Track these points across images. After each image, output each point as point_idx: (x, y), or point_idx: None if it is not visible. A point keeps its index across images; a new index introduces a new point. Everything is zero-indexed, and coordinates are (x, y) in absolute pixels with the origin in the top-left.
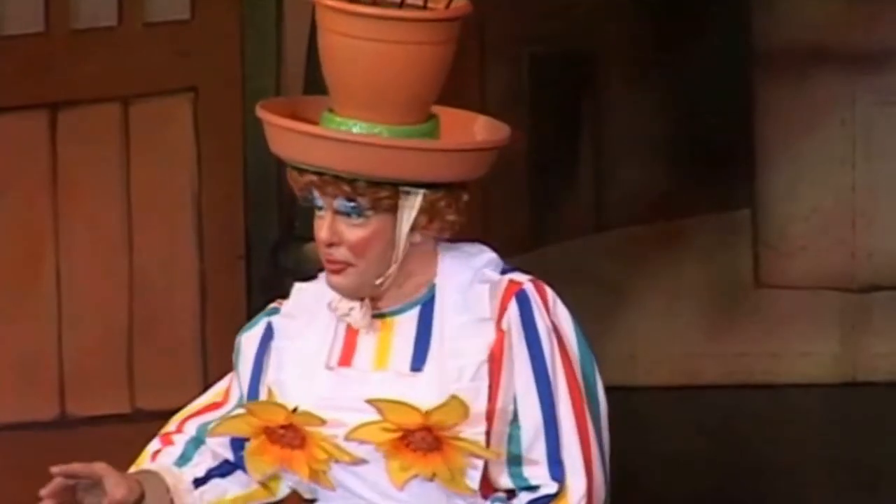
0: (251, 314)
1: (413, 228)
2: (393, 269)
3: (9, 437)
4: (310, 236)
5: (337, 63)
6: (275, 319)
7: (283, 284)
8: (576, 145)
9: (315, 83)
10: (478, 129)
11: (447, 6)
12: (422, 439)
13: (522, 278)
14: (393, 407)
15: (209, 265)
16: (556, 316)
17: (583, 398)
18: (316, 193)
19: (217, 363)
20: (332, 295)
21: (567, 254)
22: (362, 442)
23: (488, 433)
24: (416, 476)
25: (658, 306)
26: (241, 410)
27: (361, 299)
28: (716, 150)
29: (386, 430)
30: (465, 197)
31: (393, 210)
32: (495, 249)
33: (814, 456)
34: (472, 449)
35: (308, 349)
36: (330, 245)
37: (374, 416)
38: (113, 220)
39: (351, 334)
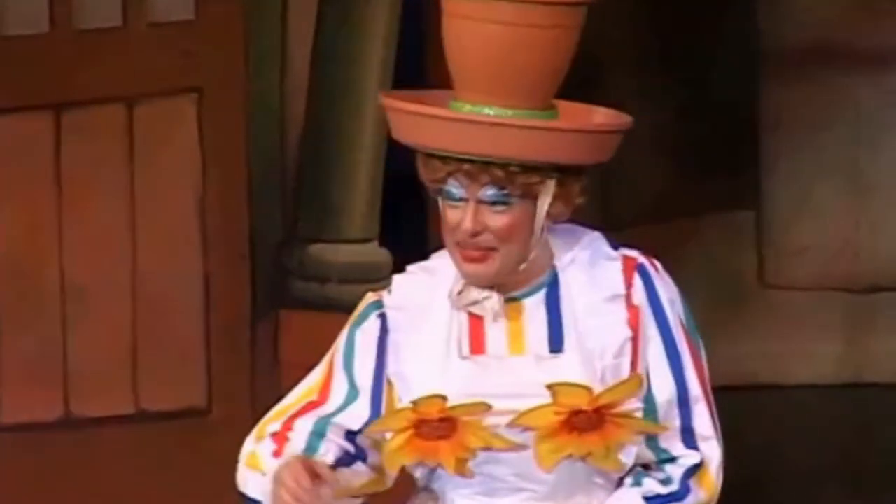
0: (255, 314)
1: (548, 213)
2: (534, 254)
3: (13, 437)
4: (313, 236)
5: (466, 49)
6: (387, 312)
7: (286, 284)
8: None
9: (320, 84)
10: (600, 117)
11: None
12: (586, 419)
13: (634, 253)
14: (566, 389)
15: (213, 265)
16: (668, 289)
17: (702, 365)
18: (455, 183)
19: (221, 363)
20: (453, 285)
21: None
22: (526, 428)
23: None
24: (568, 457)
25: None
26: (405, 405)
27: (493, 287)
28: (720, 150)
29: (557, 412)
30: (586, 179)
31: (535, 196)
32: None
33: (818, 456)
34: (641, 425)
35: (431, 340)
36: (475, 235)
37: (540, 401)
38: (117, 220)
39: (476, 323)
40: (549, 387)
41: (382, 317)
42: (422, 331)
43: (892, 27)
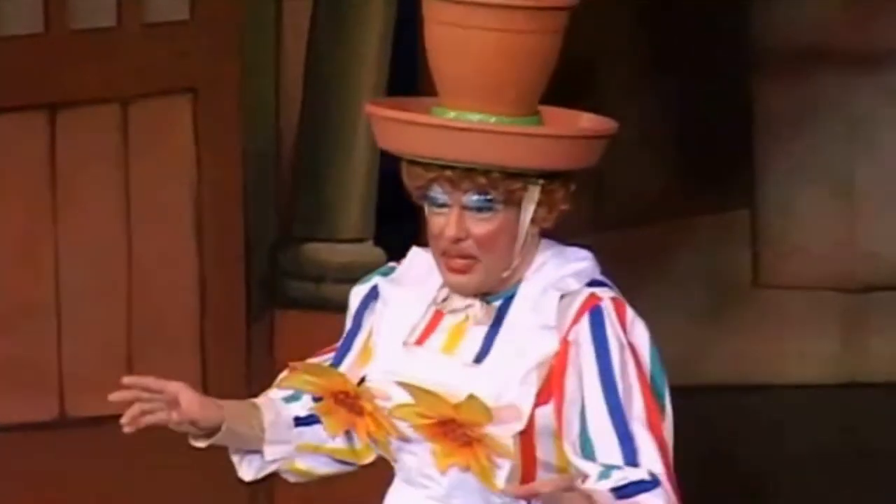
0: (250, 314)
1: (532, 220)
2: (517, 261)
3: (8, 437)
4: (308, 236)
5: (449, 55)
6: (382, 281)
7: (281, 285)
8: None
9: (314, 84)
10: (584, 122)
11: None
12: (454, 431)
13: (604, 294)
14: (423, 395)
15: (208, 265)
16: (632, 336)
17: (658, 409)
18: (439, 190)
19: (216, 363)
20: (441, 291)
21: None
22: (403, 421)
23: (525, 437)
24: (456, 464)
25: (657, 307)
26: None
27: (478, 295)
28: (715, 150)
29: (420, 415)
30: (573, 186)
31: (518, 203)
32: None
33: (813, 456)
34: (495, 449)
35: (399, 321)
36: (457, 241)
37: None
38: (112, 220)
39: (436, 315)
40: (406, 387)
41: (377, 284)
42: (399, 309)
43: (886, 27)
